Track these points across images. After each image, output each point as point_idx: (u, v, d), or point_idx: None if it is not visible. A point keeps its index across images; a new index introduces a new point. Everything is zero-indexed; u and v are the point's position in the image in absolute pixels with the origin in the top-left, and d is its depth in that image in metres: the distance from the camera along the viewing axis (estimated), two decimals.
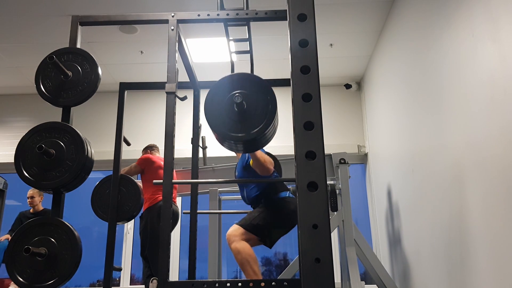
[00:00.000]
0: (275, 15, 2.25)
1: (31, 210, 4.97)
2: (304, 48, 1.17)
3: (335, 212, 3.74)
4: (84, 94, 2.09)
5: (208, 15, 2.27)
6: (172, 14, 2.22)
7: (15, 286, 2.44)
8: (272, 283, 1.91)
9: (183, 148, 4.09)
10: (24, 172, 1.94)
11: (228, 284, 1.86)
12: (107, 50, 4.85)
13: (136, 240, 5.16)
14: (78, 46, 2.23)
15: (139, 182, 3.63)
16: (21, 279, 1.82)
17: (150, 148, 4.45)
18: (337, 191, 3.74)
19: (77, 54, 2.15)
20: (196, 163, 2.89)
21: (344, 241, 3.66)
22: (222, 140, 1.99)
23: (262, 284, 1.90)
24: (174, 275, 5.15)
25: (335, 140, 5.38)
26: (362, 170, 5.58)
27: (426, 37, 3.15)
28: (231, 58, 2.90)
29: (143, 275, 4.05)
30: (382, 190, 4.69)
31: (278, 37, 4.54)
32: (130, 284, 5.24)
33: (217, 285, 1.86)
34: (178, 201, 4.74)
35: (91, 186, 2.86)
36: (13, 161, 1.95)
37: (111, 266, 2.52)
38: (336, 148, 4.63)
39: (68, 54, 2.15)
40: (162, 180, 1.99)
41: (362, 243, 3.67)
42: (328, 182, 3.65)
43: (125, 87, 2.83)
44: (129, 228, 5.41)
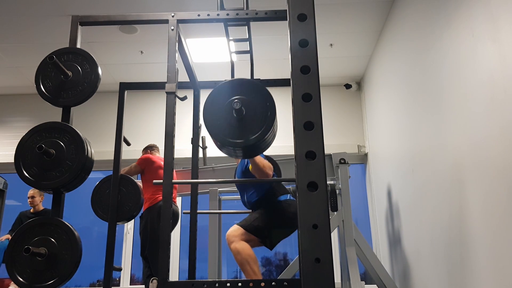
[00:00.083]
0: (275, 15, 2.25)
1: (32, 210, 4.97)
2: (304, 48, 1.17)
3: (335, 212, 3.74)
4: (84, 94, 2.09)
5: (208, 15, 2.27)
6: (172, 14, 2.22)
7: (15, 286, 2.44)
8: (272, 283, 1.91)
9: (183, 148, 4.09)
10: (24, 172, 1.94)
11: (228, 284, 1.86)
12: (107, 50, 4.85)
13: (136, 240, 5.16)
14: (78, 46, 2.23)
15: (139, 182, 3.63)
16: (21, 279, 1.82)
17: (150, 148, 4.45)
18: (337, 191, 3.75)
19: (77, 54, 2.15)
20: (196, 163, 2.89)
21: (344, 241, 3.66)
22: (221, 146, 1.99)
23: (262, 284, 1.90)
24: (174, 275, 5.15)
25: (335, 140, 5.38)
26: (362, 170, 5.58)
27: (426, 37, 3.15)
28: (231, 58, 2.90)
29: (143, 275, 4.05)
30: (382, 190, 4.69)
31: (278, 37, 4.54)
32: (130, 284, 5.24)
33: (217, 285, 1.86)
34: (178, 201, 4.74)
35: (91, 186, 2.86)
36: (13, 161, 1.95)
37: (111, 266, 2.52)
38: (336, 148, 4.63)
39: (68, 54, 2.15)
40: (162, 180, 1.99)
41: (362, 243, 3.67)
42: (328, 182, 3.65)
43: (125, 87, 2.83)
44: (129, 228, 5.41)
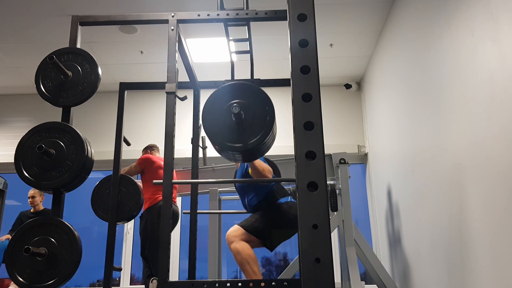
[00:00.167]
0: (275, 15, 2.25)
1: (32, 210, 4.98)
2: (304, 48, 1.17)
3: (335, 212, 3.74)
4: (84, 94, 2.09)
5: (208, 15, 2.27)
6: (172, 14, 2.22)
7: (15, 286, 2.44)
8: (272, 283, 1.91)
9: (183, 148, 4.09)
10: (24, 172, 1.94)
11: (228, 284, 1.86)
12: (107, 50, 4.85)
13: (136, 240, 5.16)
14: (78, 46, 2.23)
15: (139, 182, 3.63)
16: (21, 279, 1.82)
17: (150, 148, 4.45)
18: (337, 191, 3.74)
19: (77, 54, 2.15)
20: (196, 163, 2.89)
21: (344, 241, 3.66)
22: (220, 150, 1.98)
23: (262, 284, 1.90)
24: (174, 275, 5.15)
25: (335, 140, 5.38)
26: (362, 170, 5.58)
27: (426, 37, 3.15)
28: (231, 58, 2.90)
29: (143, 275, 4.05)
30: (382, 190, 4.69)
31: (278, 37, 4.54)
32: (130, 284, 5.24)
33: (217, 285, 1.86)
34: (178, 201, 4.74)
35: (91, 186, 2.86)
36: (13, 161, 1.95)
37: (111, 266, 2.52)
38: (336, 148, 4.63)
39: (68, 54, 2.15)
40: (162, 180, 1.99)
41: (362, 243, 3.67)
42: (328, 182, 3.65)
43: (125, 87, 2.83)
44: (129, 228, 5.41)
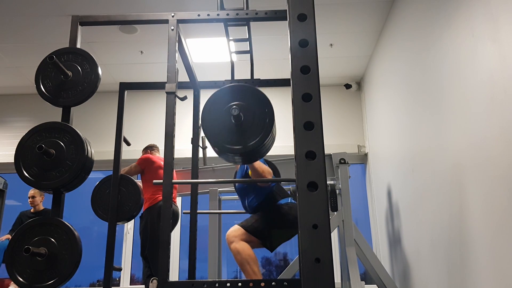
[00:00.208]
0: (275, 15, 2.25)
1: (32, 210, 4.98)
2: (304, 48, 1.17)
3: (335, 212, 3.74)
4: (84, 94, 2.09)
5: (208, 15, 2.27)
6: (172, 14, 2.22)
7: (15, 286, 2.44)
8: (272, 283, 1.91)
9: (183, 148, 4.09)
10: (24, 172, 1.94)
11: (228, 284, 1.86)
12: (107, 50, 4.85)
13: (136, 240, 5.16)
14: (78, 46, 2.23)
15: (139, 182, 3.63)
16: (21, 279, 1.82)
17: (150, 148, 4.45)
18: (337, 191, 3.74)
19: (77, 54, 2.15)
20: (196, 163, 2.89)
21: (344, 241, 3.66)
22: (220, 152, 1.98)
23: (262, 284, 1.90)
24: (174, 275, 5.15)
25: (335, 140, 5.38)
26: (362, 170, 5.58)
27: (426, 37, 3.15)
28: (231, 58, 2.90)
29: (143, 275, 4.05)
30: (382, 190, 4.69)
31: (278, 37, 4.54)
32: (130, 284, 5.24)
33: (217, 285, 1.86)
34: (178, 201, 4.74)
35: (91, 186, 2.86)
36: (13, 161, 1.95)
37: (111, 266, 2.52)
38: (336, 148, 4.63)
39: (68, 54, 2.15)
40: (162, 180, 1.99)
41: (362, 243, 3.67)
42: (328, 182, 3.65)
43: (125, 87, 2.83)
44: (129, 228, 5.41)
